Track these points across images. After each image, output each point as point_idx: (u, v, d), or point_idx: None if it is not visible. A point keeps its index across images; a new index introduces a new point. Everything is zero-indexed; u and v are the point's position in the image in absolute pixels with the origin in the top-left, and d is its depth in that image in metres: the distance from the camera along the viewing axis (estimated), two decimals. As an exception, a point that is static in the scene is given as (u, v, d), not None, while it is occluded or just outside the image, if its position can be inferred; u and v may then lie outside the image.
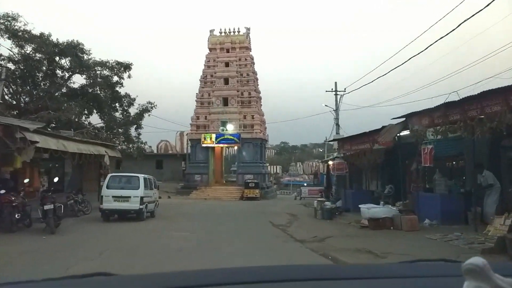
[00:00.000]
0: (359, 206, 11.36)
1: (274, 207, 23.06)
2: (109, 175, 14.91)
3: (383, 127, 11.75)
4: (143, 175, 15.50)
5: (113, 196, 14.29)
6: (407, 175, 15.56)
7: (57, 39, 29.16)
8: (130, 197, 14.30)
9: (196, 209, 21.14)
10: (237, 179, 35.32)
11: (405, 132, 11.35)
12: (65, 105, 29.31)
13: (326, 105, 23.85)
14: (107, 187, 14.54)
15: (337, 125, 23.48)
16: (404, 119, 11.09)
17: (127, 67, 32.90)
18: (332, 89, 23.50)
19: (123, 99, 35.17)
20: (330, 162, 28.57)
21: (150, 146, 57.89)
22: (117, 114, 34.65)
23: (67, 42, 29.25)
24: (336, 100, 23.41)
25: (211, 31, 36.65)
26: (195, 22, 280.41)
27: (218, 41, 36.29)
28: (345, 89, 23.03)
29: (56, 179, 16.33)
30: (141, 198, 14.34)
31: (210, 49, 36.59)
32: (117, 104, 35.59)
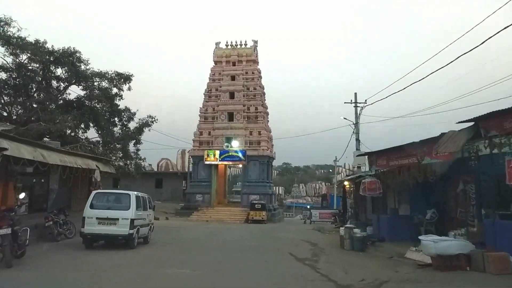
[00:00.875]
0: (420, 238, 8.48)
1: (286, 233, 20.04)
2: (94, 192, 12.07)
3: (442, 134, 9.04)
4: (135, 192, 12.67)
5: (97, 218, 11.40)
6: (452, 197, 12.83)
7: (52, 46, 26.85)
8: (118, 219, 11.41)
9: (197, 234, 18.15)
10: (241, 200, 32.33)
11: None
12: (60, 117, 26.83)
13: (345, 118, 21.29)
14: (91, 207, 11.66)
15: (358, 140, 20.78)
16: (473, 123, 8.42)
17: (127, 78, 30.54)
18: (351, 100, 21.02)
19: (123, 113, 32.70)
20: (346, 183, 25.72)
21: (150, 164, 55.15)
22: (116, 129, 32.12)
23: (62, 50, 26.96)
24: (355, 113, 20.83)
25: (217, 43, 34.54)
26: (200, 34, 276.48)
27: (224, 54, 34.12)
28: (365, 100, 20.54)
29: (22, 195, 13.41)
30: (132, 221, 11.46)
31: (216, 62, 34.36)
32: (116, 119, 33.11)
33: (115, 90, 30.72)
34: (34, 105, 28.30)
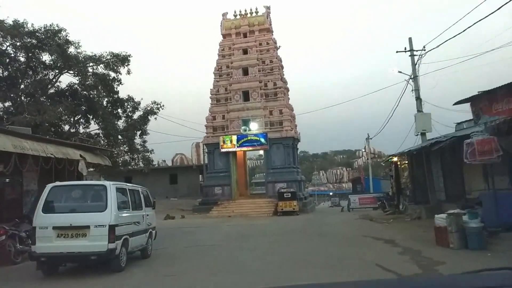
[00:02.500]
0: None
1: (333, 226, 15.26)
2: (50, 185, 7.41)
3: None
4: (117, 183, 8.01)
5: (55, 228, 6.85)
6: None
7: (32, 25, 22.50)
8: (88, 227, 6.84)
9: (220, 236, 13.52)
10: (266, 190, 27.61)
11: None
12: (50, 108, 22.55)
13: (400, 72, 16.15)
14: (45, 210, 7.09)
15: (419, 99, 15.64)
16: None
17: (124, 60, 25.98)
18: (405, 48, 15.83)
19: (126, 104, 28.30)
20: (395, 159, 20.68)
21: (164, 161, 51.04)
22: (121, 122, 27.73)
23: (45, 28, 22.55)
24: (413, 64, 15.67)
25: (224, 14, 29.69)
26: (203, 7, 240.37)
27: (233, 25, 29.24)
28: (424, 47, 15.33)
29: None
30: (112, 228, 6.87)
31: (224, 36, 29.52)
32: (119, 110, 28.72)
33: (113, 74, 26.36)
34: (23, 98, 24.15)
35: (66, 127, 26.71)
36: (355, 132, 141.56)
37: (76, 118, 27.19)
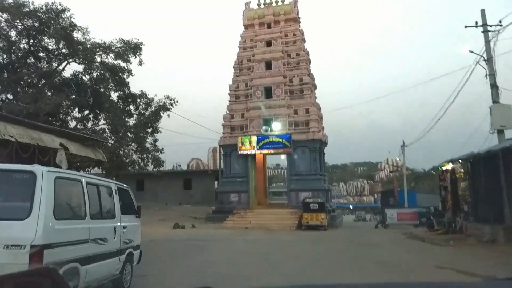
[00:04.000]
0: None
1: (383, 249, 11.68)
2: None
3: None
4: (62, 171, 4.77)
5: None
6: None
7: (32, 2, 20.05)
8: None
9: (234, 256, 10.15)
10: (288, 199, 24.13)
11: None
12: (47, 96, 19.98)
13: (471, 51, 12.58)
14: None
15: (495, 86, 12.01)
16: None
17: (136, 48, 23.34)
18: (476, 22, 12.28)
19: (139, 100, 25.59)
20: (448, 167, 16.89)
21: (180, 165, 48.18)
22: (132, 120, 25.00)
23: (46, 7, 20.06)
24: (486, 42, 12.09)
25: (247, 3, 26.76)
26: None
27: (256, 14, 26.24)
28: (500, 21, 11.80)
29: None
30: (36, 251, 3.66)
31: (246, 27, 26.54)
32: (131, 107, 26.03)
33: (123, 65, 23.73)
34: (23, 87, 21.70)
35: (73, 123, 24.19)
36: (377, 144, 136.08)
37: (84, 114, 24.66)
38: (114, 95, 25.01)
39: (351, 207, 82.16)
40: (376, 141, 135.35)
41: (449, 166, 16.53)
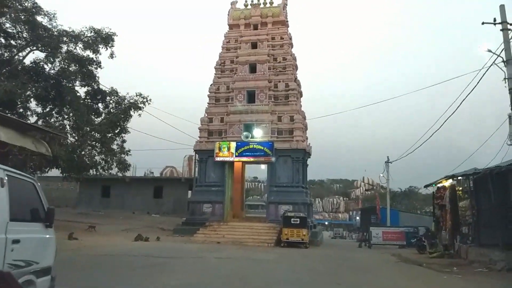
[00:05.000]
0: None
1: (377, 275, 9.71)
2: None
3: None
4: None
5: None
6: None
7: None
8: None
9: (202, 281, 7.88)
10: (267, 212, 21.99)
11: None
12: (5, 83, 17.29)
13: (489, 50, 11.07)
14: None
15: (514, 91, 10.58)
16: None
17: (108, 38, 20.98)
18: (494, 19, 10.87)
19: (109, 97, 23.04)
20: (446, 184, 15.30)
21: (152, 172, 45.14)
22: (99, 120, 22.40)
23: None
24: (506, 41, 10.67)
25: (233, 3, 25.03)
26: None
27: (242, 14, 24.51)
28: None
29: None
30: None
31: (231, 26, 24.72)
32: (100, 105, 23.42)
33: (90, 54, 21.27)
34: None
35: (34, 119, 21.34)
36: (353, 162, 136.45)
37: (46, 110, 21.86)
38: (81, 91, 22.38)
39: (326, 223, 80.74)
40: (354, 159, 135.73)
41: (448, 183, 14.95)
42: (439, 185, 16.38)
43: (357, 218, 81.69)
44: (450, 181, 14.32)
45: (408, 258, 14.82)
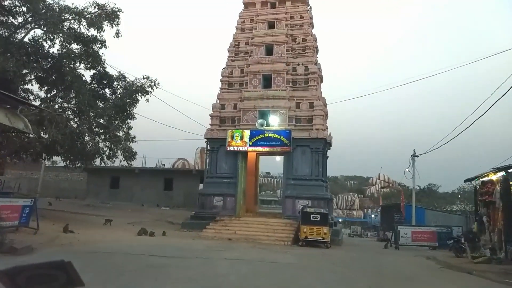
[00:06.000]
0: None
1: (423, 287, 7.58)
2: None
3: None
4: None
5: None
6: None
7: None
8: None
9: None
10: (283, 207, 19.94)
11: None
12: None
13: None
14: None
15: None
16: None
17: (112, 15, 19.18)
18: None
19: (116, 82, 21.32)
20: (493, 177, 12.94)
21: (164, 164, 43.53)
22: (107, 106, 20.67)
23: None
24: None
25: (249, -20, 22.87)
26: None
27: (258, -8, 22.36)
28: None
29: None
30: None
31: (246, 5, 22.62)
32: (106, 90, 21.73)
33: (95, 34, 19.52)
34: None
35: (37, 103, 19.75)
36: (367, 158, 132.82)
37: (51, 94, 20.27)
38: (87, 75, 20.70)
39: (340, 220, 78.32)
40: (368, 156, 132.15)
41: (496, 177, 12.60)
42: (483, 179, 14.05)
43: (372, 216, 78.94)
44: (500, 174, 11.97)
45: (448, 262, 12.59)
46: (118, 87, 21.34)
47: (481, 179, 14.12)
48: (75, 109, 19.03)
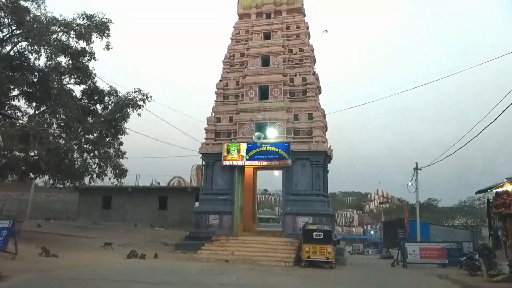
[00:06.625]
0: None
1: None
2: None
3: None
4: None
5: None
6: None
7: None
8: None
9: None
10: (283, 225, 18.72)
11: None
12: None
13: None
14: None
15: None
16: None
17: (102, 26, 18.43)
18: None
19: (107, 97, 20.42)
20: (509, 187, 11.95)
21: (159, 183, 42.24)
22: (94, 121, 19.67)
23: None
24: None
25: (243, -9, 22.41)
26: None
27: (254, 3, 21.84)
28: None
29: None
30: None
31: (241, 16, 22.04)
32: (97, 106, 20.78)
33: (82, 44, 18.70)
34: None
35: (24, 119, 18.75)
36: (365, 173, 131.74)
37: (40, 110, 19.27)
38: (77, 90, 19.79)
39: (339, 237, 76.34)
40: (366, 171, 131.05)
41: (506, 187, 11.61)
42: (497, 190, 13.04)
43: (372, 232, 77.05)
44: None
45: (464, 282, 11.46)
46: (110, 102, 20.38)
47: (495, 190, 13.10)
48: (62, 124, 18.02)
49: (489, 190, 13.52)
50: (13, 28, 17.33)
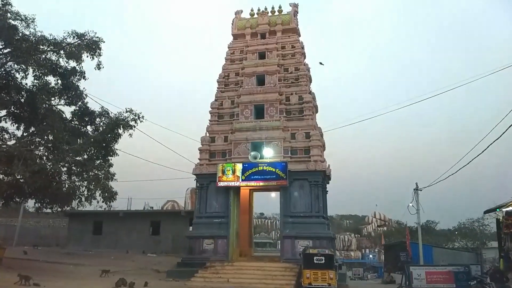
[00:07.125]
0: None
1: None
2: None
3: None
4: None
5: None
6: None
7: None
8: None
9: None
10: (282, 249, 17.68)
11: None
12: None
13: None
14: None
15: None
16: None
17: (93, 45, 17.96)
18: None
19: (99, 118, 19.73)
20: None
21: (152, 207, 40.96)
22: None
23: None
24: None
25: (238, 12, 22.39)
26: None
27: (248, 23, 21.69)
28: None
29: None
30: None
31: (236, 36, 21.83)
32: (88, 128, 20.03)
33: (72, 64, 18.19)
34: None
35: (11, 142, 17.92)
36: (362, 196, 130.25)
37: (28, 132, 18.49)
38: (67, 111, 19.09)
39: (339, 262, 74.24)
40: (363, 194, 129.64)
41: None
42: (507, 209, 12.33)
43: (371, 256, 74.91)
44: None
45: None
46: (101, 123, 19.63)
47: (505, 209, 12.40)
48: (49, 145, 17.18)
49: (497, 209, 12.81)
50: (1, 47, 16.81)
